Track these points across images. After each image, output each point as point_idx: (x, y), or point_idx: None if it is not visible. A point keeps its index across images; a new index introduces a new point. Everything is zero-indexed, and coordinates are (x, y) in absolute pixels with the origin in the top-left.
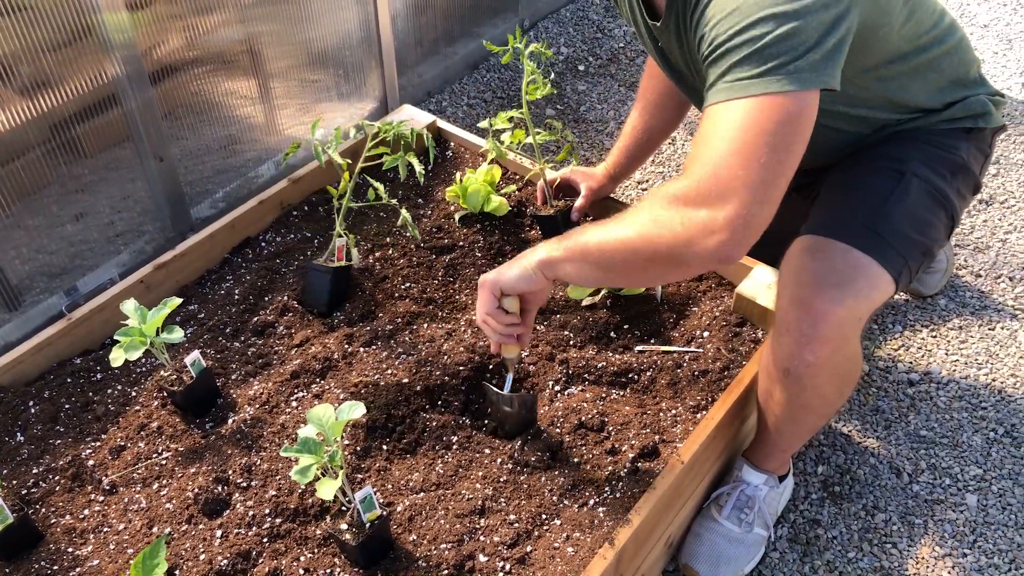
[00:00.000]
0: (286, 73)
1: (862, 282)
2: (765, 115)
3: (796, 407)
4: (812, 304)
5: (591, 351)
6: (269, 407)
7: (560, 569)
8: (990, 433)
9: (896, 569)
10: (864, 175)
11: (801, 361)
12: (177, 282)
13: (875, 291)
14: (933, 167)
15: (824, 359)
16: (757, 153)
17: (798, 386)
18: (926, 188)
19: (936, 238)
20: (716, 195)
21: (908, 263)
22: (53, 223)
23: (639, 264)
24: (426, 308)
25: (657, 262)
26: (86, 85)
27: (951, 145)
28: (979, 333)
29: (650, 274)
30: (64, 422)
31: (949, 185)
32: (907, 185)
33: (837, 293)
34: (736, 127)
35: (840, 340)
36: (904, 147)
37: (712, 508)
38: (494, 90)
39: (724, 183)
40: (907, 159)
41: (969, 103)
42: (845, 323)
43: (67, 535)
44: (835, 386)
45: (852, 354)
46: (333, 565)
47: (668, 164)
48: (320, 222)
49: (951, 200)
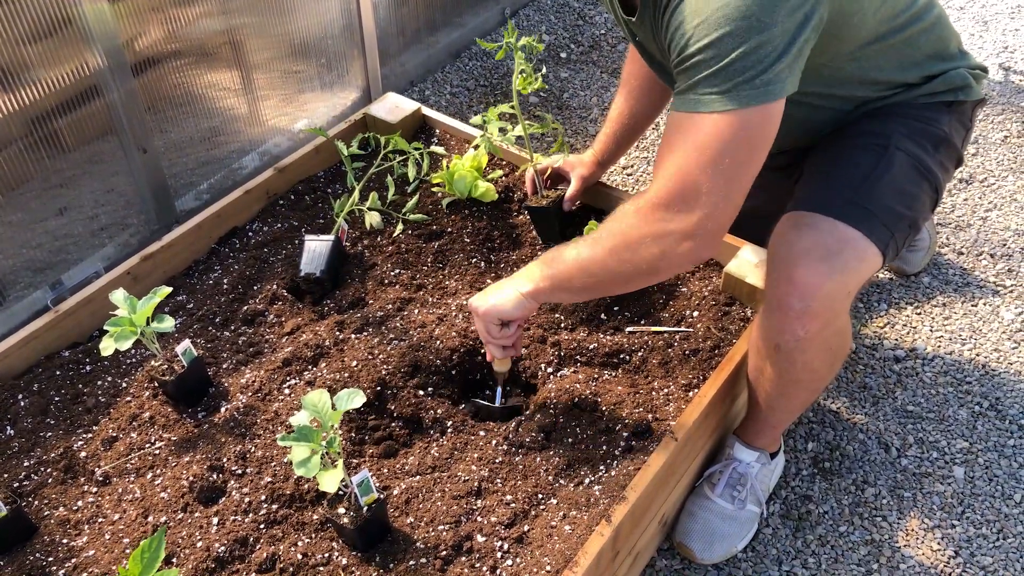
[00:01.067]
0: (268, 64)
1: (850, 255)
2: (729, 130)
3: (787, 382)
4: (802, 279)
5: (582, 333)
6: (262, 395)
7: (558, 547)
8: (975, 407)
9: (887, 541)
10: (847, 150)
11: (792, 336)
12: (165, 273)
13: (863, 264)
14: (916, 140)
15: (814, 333)
16: (721, 165)
17: (788, 361)
18: (910, 161)
19: (921, 211)
20: (683, 206)
21: (894, 236)
22: (36, 217)
23: (621, 281)
24: (416, 294)
25: (638, 277)
26: (67, 77)
27: (933, 118)
28: (962, 310)
29: (632, 285)
30: (54, 414)
31: (932, 158)
32: (891, 159)
33: (826, 267)
34: (700, 141)
35: (830, 314)
36: (886, 122)
37: (705, 486)
38: (477, 78)
39: (690, 195)
40: (890, 133)
41: (950, 76)
42: (834, 297)
43: (61, 527)
44: (825, 360)
45: (841, 328)
46: (331, 549)
47: (652, 149)
48: (307, 210)
49: (935, 173)
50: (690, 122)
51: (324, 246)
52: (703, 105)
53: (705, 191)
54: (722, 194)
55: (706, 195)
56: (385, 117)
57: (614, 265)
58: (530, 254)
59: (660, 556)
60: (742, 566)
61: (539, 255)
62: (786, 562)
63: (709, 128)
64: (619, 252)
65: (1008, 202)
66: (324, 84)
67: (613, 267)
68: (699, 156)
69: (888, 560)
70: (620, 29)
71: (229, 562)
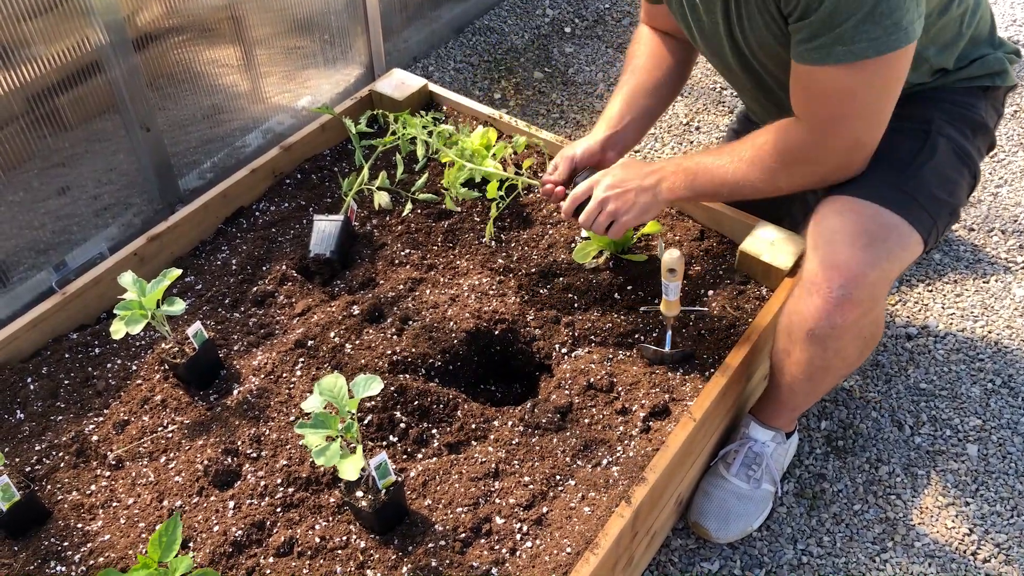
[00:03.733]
0: (270, 40)
1: (893, 242)
2: (883, 75)
3: (816, 368)
4: (844, 265)
5: (596, 313)
6: (274, 377)
7: (578, 529)
8: (988, 384)
9: (901, 519)
10: (889, 136)
11: (828, 323)
12: (171, 253)
13: (905, 251)
14: (956, 126)
15: (852, 322)
16: (878, 105)
17: (820, 347)
18: (951, 147)
19: (961, 197)
20: (840, 162)
21: (936, 223)
22: (37, 197)
23: (769, 193)
24: (427, 274)
25: (785, 191)
26: (68, 53)
27: (970, 104)
28: (974, 286)
29: (777, 194)
30: (64, 398)
31: (971, 144)
32: (934, 144)
33: (869, 254)
34: (862, 89)
35: (870, 303)
36: (926, 107)
37: (720, 466)
38: (480, 54)
39: (847, 144)
40: (931, 119)
41: (987, 61)
42: (877, 285)
43: (75, 511)
44: (857, 348)
45: (877, 317)
46: (349, 532)
47: (659, 125)
48: (314, 190)
49: (973, 159)
50: (842, 73)
51: (334, 226)
52: (854, 55)
53: (864, 133)
54: (879, 126)
55: (865, 134)
56: (391, 94)
57: (764, 187)
58: (540, 232)
59: (675, 536)
60: (757, 545)
61: (550, 234)
62: (801, 540)
63: (864, 75)
64: (775, 178)
65: (1019, 178)
66: (327, 60)
67: (761, 188)
68: (855, 104)
69: (903, 538)
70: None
71: (247, 546)
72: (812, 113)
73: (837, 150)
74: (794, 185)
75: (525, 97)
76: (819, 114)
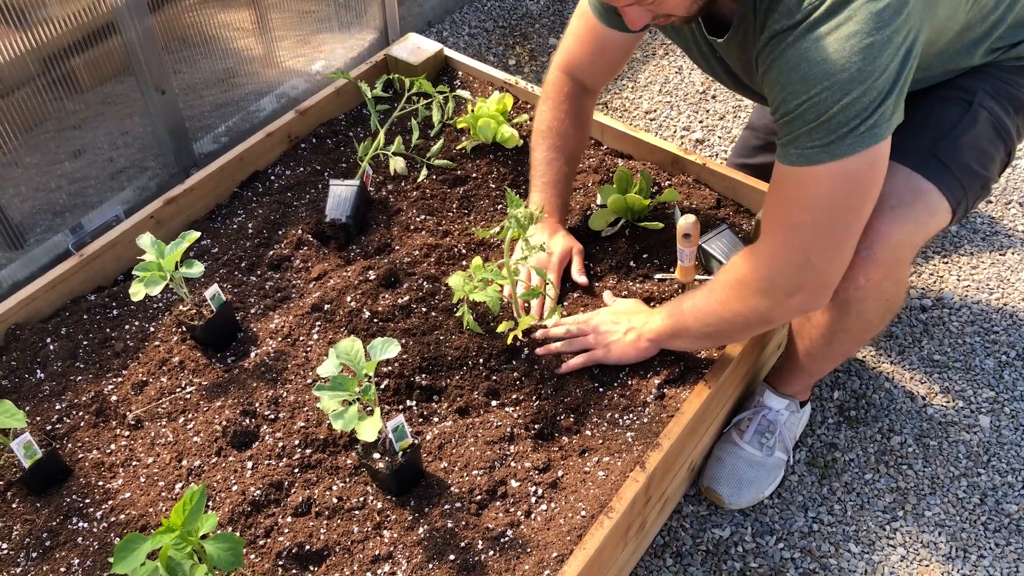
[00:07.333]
0: (284, 3)
1: (922, 208)
2: (836, 182)
3: (836, 330)
4: (870, 225)
5: (611, 280)
6: (291, 340)
7: (592, 492)
8: (1002, 356)
9: (912, 489)
10: (932, 102)
11: (852, 283)
12: (188, 216)
13: (933, 218)
14: (999, 101)
15: (875, 282)
16: (830, 219)
17: (843, 309)
18: (991, 120)
19: (993, 172)
20: (792, 272)
21: (967, 194)
22: (52, 159)
23: (735, 331)
24: (443, 240)
25: (749, 329)
26: (83, 14)
27: (1018, 82)
28: (990, 259)
29: (747, 335)
30: (83, 358)
31: (1012, 120)
32: (975, 115)
33: (897, 215)
34: (808, 197)
35: (893, 263)
36: (973, 78)
37: (733, 432)
38: (495, 19)
39: (799, 259)
40: (975, 90)
41: None
42: (901, 247)
43: (96, 469)
44: (879, 311)
45: (901, 280)
46: (366, 494)
47: (675, 92)
48: (329, 154)
49: (1012, 136)
50: (795, 177)
51: (349, 191)
52: (805, 159)
53: (815, 251)
54: (833, 250)
55: (816, 255)
56: (407, 59)
57: (734, 329)
58: None
59: (687, 502)
60: (768, 512)
61: None
62: (812, 508)
63: (815, 182)
64: (739, 318)
65: None
66: (341, 24)
67: (732, 330)
68: (806, 214)
69: (913, 507)
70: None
71: (265, 505)
72: (768, 219)
73: (786, 269)
74: (748, 312)
75: (540, 63)
76: (774, 219)
